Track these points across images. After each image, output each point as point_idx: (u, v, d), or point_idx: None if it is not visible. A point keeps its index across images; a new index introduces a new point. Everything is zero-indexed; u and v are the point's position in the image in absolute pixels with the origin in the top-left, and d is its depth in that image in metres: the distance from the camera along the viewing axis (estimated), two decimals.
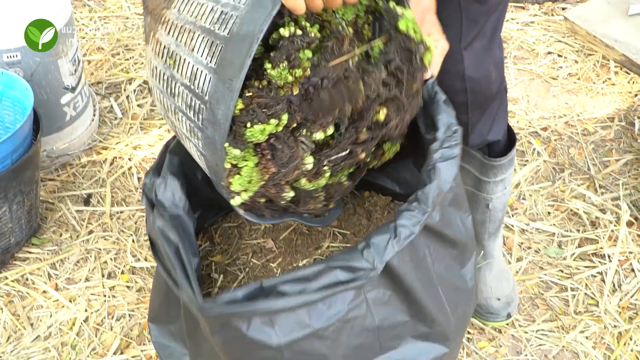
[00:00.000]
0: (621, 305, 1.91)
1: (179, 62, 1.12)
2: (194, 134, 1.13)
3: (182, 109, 1.14)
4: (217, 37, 1.06)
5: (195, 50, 1.09)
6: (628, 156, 2.33)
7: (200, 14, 1.10)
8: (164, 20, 1.14)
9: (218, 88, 1.06)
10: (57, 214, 2.10)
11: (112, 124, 2.41)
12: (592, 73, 2.66)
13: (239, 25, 1.05)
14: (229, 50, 1.05)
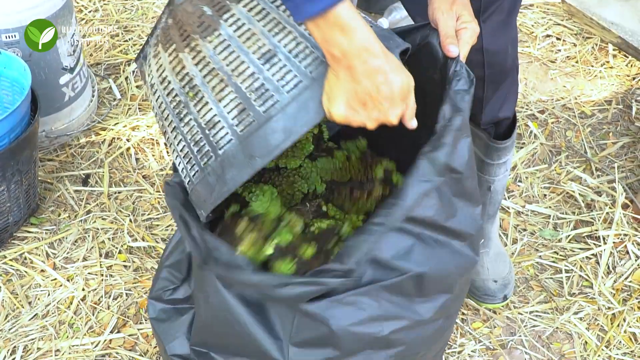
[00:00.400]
0: (615, 287, 1.92)
1: (199, 100, 1.09)
2: (189, 161, 1.14)
3: (185, 136, 1.12)
4: (252, 109, 1.06)
5: (224, 104, 1.07)
6: (625, 139, 2.34)
7: (239, 71, 1.07)
8: (194, 47, 1.09)
9: (238, 156, 1.07)
10: (56, 194, 2.11)
11: (110, 105, 2.41)
12: (590, 56, 2.66)
13: (277, 112, 1.05)
14: (262, 132, 1.05)
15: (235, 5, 1.09)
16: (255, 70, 1.06)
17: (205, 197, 1.13)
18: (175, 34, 1.09)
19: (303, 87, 1.06)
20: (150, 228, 2.02)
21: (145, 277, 1.89)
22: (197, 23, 1.08)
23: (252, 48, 1.07)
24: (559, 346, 1.81)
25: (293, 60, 1.07)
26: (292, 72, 1.07)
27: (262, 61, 1.06)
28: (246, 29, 1.07)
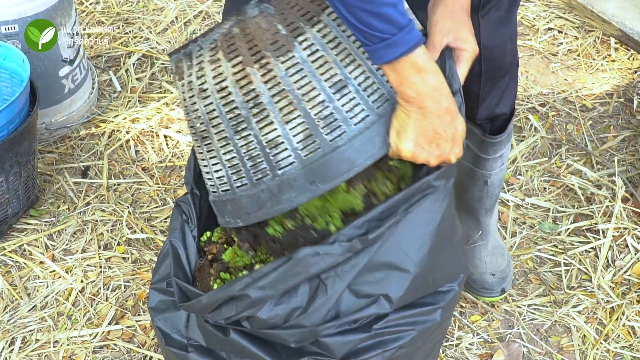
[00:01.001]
0: (614, 281, 1.91)
1: (264, 119, 1.08)
2: (237, 172, 1.14)
3: (239, 148, 1.12)
4: (319, 136, 1.07)
5: (290, 126, 1.08)
6: (626, 132, 2.33)
7: (309, 96, 1.07)
8: (265, 65, 1.08)
9: (299, 179, 1.09)
10: (55, 186, 2.12)
11: (110, 97, 2.41)
12: (592, 49, 2.65)
13: (344, 143, 1.07)
14: (327, 159, 1.07)
15: (310, 29, 1.08)
16: (326, 98, 1.07)
17: (250, 210, 1.15)
18: (243, 47, 1.08)
19: (370, 122, 1.09)
20: (149, 220, 2.02)
21: (144, 269, 1.89)
22: (270, 40, 1.07)
23: (325, 75, 1.07)
24: (557, 339, 1.81)
25: (362, 93, 1.09)
26: (361, 106, 1.09)
27: (333, 90, 1.08)
28: (320, 55, 1.08)
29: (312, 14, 1.09)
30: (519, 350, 1.79)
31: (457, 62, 1.24)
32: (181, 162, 2.19)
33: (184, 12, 2.74)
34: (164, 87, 2.44)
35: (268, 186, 1.11)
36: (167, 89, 2.43)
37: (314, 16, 1.08)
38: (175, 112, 2.34)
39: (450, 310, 1.37)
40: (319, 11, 1.09)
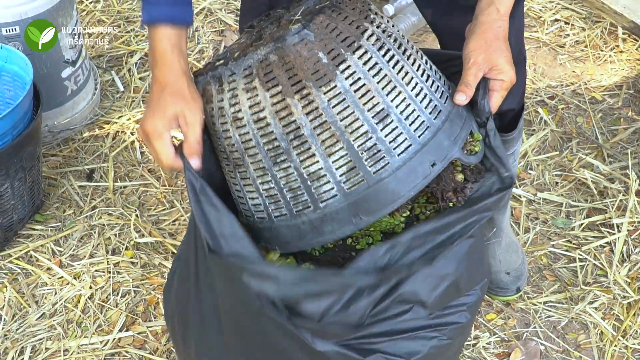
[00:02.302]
0: (630, 276, 1.89)
1: (305, 151, 1.05)
2: (275, 203, 1.11)
3: (278, 180, 1.09)
4: (362, 169, 1.05)
5: (333, 159, 1.05)
6: (637, 124, 2.30)
7: (352, 127, 1.04)
8: (306, 96, 1.04)
9: (342, 212, 1.07)
10: (60, 189, 2.08)
11: (114, 97, 2.38)
12: (599, 40, 2.62)
13: (388, 174, 1.05)
14: (370, 192, 1.05)
15: (351, 56, 1.05)
16: (369, 129, 1.04)
17: (290, 239, 1.12)
18: (282, 76, 1.04)
19: (413, 151, 1.06)
20: (157, 223, 1.99)
21: (153, 274, 1.86)
22: (311, 70, 1.03)
23: (367, 105, 1.04)
24: (574, 336, 1.79)
25: (404, 122, 1.06)
26: (404, 135, 1.06)
27: (376, 120, 1.05)
28: (362, 84, 1.04)
29: (352, 38, 1.05)
30: (536, 349, 1.76)
31: (490, 91, 1.18)
32: None
33: None
34: None
35: (309, 218, 1.09)
36: None
37: (354, 41, 1.05)
38: None
39: (473, 313, 1.35)
40: (359, 35, 1.05)
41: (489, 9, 1.18)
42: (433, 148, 1.08)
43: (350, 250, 1.22)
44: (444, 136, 1.09)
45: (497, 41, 1.16)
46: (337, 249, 1.23)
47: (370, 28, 1.07)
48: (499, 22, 1.17)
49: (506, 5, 1.18)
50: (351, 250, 1.22)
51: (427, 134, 1.08)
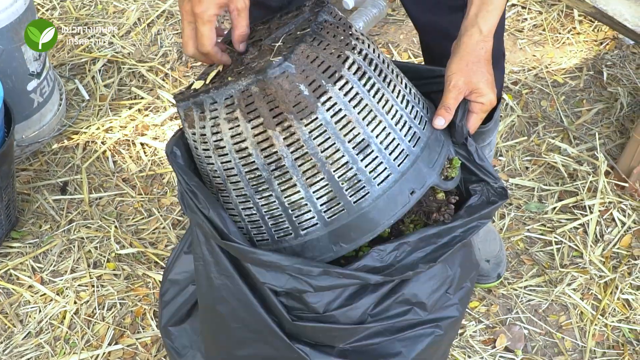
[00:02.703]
0: (605, 255, 1.94)
1: (286, 181, 1.06)
2: (257, 228, 1.13)
3: (259, 207, 1.11)
4: (343, 198, 1.07)
5: (314, 189, 1.06)
6: (599, 105, 2.36)
7: (333, 158, 1.05)
8: (287, 128, 1.04)
9: (322, 240, 1.09)
10: (34, 205, 2.06)
11: (79, 106, 2.35)
12: (557, 23, 2.67)
13: (368, 204, 1.07)
14: (351, 221, 1.07)
15: (332, 87, 1.04)
16: (350, 159, 1.05)
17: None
18: (264, 108, 1.03)
19: (393, 181, 1.08)
20: (137, 233, 1.98)
21: (138, 285, 1.86)
22: (293, 102, 1.03)
23: (348, 136, 1.05)
24: (555, 318, 1.83)
25: (384, 152, 1.07)
26: (383, 164, 1.07)
27: (357, 151, 1.05)
28: (342, 115, 1.05)
29: (334, 69, 1.05)
30: (520, 333, 1.80)
31: (469, 112, 1.19)
32: (161, 169, 2.15)
33: (146, 13, 2.67)
34: (134, 93, 2.38)
35: (291, 245, 1.12)
36: (137, 95, 2.37)
37: (335, 71, 1.05)
38: (149, 119, 2.29)
39: (465, 305, 1.38)
40: (340, 65, 1.05)
41: (471, 30, 1.18)
42: (412, 176, 1.10)
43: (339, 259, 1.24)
44: (423, 164, 1.11)
45: (478, 64, 1.17)
46: None
47: (352, 56, 1.07)
48: (482, 43, 1.18)
49: (490, 24, 1.18)
50: (340, 259, 1.24)
51: (406, 162, 1.09)
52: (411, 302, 1.19)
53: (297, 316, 1.14)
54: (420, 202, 1.17)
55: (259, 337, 1.18)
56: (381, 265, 1.10)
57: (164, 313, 1.40)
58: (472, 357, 1.74)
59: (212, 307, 1.21)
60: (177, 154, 1.21)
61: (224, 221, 1.10)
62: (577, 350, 1.77)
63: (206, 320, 1.27)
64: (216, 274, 1.16)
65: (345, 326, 1.16)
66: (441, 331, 1.29)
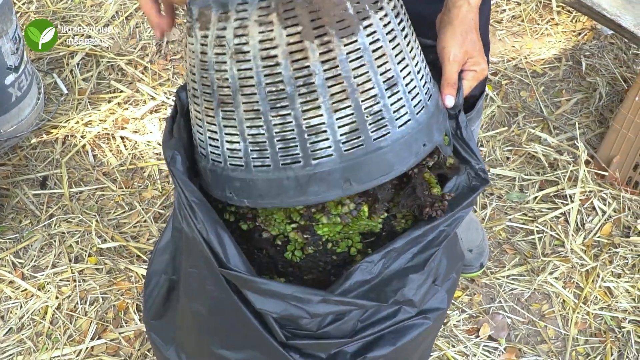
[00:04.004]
0: (586, 244, 1.96)
1: (311, 101, 0.99)
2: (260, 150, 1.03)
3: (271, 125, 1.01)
4: (364, 133, 1.01)
5: (338, 115, 0.99)
6: (578, 95, 2.37)
7: (364, 87, 0.99)
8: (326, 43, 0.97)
9: (333, 174, 1.01)
10: (14, 200, 2.03)
11: (58, 101, 2.33)
12: (535, 14, 2.68)
13: (387, 144, 1.01)
14: (367, 159, 1.01)
15: (374, 15, 0.99)
16: (379, 93, 1.00)
17: (266, 193, 1.05)
18: (305, 16, 0.96)
19: (411, 127, 1.03)
20: (118, 227, 1.97)
21: (120, 279, 1.84)
22: (337, 18, 0.96)
23: (381, 69, 1.00)
24: (538, 307, 1.85)
25: (407, 95, 1.03)
26: (406, 108, 1.03)
27: (386, 86, 1.00)
28: (379, 45, 0.99)
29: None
30: (503, 322, 1.81)
31: (463, 81, 1.18)
32: (142, 163, 2.13)
33: (124, 6, 2.64)
34: (113, 86, 2.36)
35: (296, 174, 1.02)
36: (116, 88, 2.35)
37: (378, 0, 1.00)
38: (129, 112, 2.27)
39: (451, 296, 1.38)
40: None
41: (460, 2, 1.19)
42: (426, 129, 1.06)
43: (331, 255, 1.21)
44: (434, 120, 1.08)
45: (471, 34, 1.17)
46: (318, 254, 1.21)
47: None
48: (471, 14, 1.19)
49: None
50: (332, 255, 1.21)
51: (423, 114, 1.06)
52: (399, 302, 1.19)
53: (290, 333, 1.12)
54: (415, 195, 1.15)
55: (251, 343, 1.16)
56: (371, 277, 1.09)
57: (148, 306, 1.39)
58: (456, 347, 1.75)
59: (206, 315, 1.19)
60: (177, 159, 1.13)
61: (224, 247, 1.05)
62: (560, 339, 1.78)
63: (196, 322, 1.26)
64: (212, 287, 1.13)
65: (338, 340, 1.15)
66: (430, 322, 1.29)
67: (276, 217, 1.20)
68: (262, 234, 1.21)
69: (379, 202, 1.18)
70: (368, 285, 1.10)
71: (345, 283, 1.07)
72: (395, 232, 1.22)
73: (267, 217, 1.20)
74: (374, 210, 1.16)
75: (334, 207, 1.16)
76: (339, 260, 1.19)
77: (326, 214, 1.16)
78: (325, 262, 1.19)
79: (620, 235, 1.97)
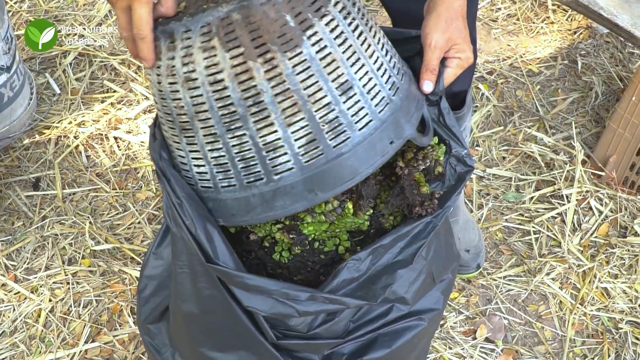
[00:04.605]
0: (583, 244, 1.95)
1: (263, 119, 0.98)
2: (224, 172, 1.04)
3: (229, 147, 1.02)
4: (323, 142, 0.99)
5: (293, 129, 0.98)
6: (574, 94, 2.36)
7: (316, 97, 0.97)
8: (270, 60, 0.96)
9: (297, 186, 1.00)
10: (6, 201, 2.01)
11: (51, 101, 2.31)
12: (530, 13, 2.67)
13: (349, 149, 1.00)
14: (329, 167, 0.99)
15: (319, 22, 0.97)
16: (332, 100, 0.98)
17: (236, 212, 1.06)
18: (246, 37, 0.95)
19: (373, 127, 1.01)
20: (112, 229, 1.95)
21: (114, 281, 1.83)
22: (278, 33, 0.95)
23: (332, 75, 0.98)
24: (535, 308, 1.84)
25: (366, 96, 1.01)
26: (365, 109, 1.01)
27: (340, 92, 0.99)
28: (327, 52, 0.98)
29: (320, 3, 0.98)
30: (500, 323, 1.80)
31: (446, 67, 1.17)
32: (136, 164, 2.11)
33: None
34: (106, 86, 2.34)
35: (261, 191, 1.02)
36: (110, 88, 2.33)
37: (321, 6, 0.98)
38: (122, 112, 2.26)
39: (447, 297, 1.37)
40: (326, 0, 0.99)
41: None
42: (392, 125, 1.04)
43: (319, 254, 1.20)
44: (402, 115, 1.06)
45: (456, 20, 1.16)
46: (305, 254, 1.20)
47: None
48: (458, 1, 1.17)
49: None
50: (320, 254, 1.20)
51: (386, 111, 1.04)
52: (391, 300, 1.17)
53: (281, 333, 1.11)
54: (404, 195, 1.14)
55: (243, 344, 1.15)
56: (359, 275, 1.08)
57: (142, 310, 1.37)
58: (453, 349, 1.74)
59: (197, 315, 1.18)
60: (165, 157, 1.12)
61: (212, 243, 1.04)
62: (557, 340, 1.78)
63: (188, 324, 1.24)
64: (205, 284, 1.12)
65: (330, 341, 1.14)
66: (425, 323, 1.28)
67: None
68: (250, 236, 1.20)
69: (363, 199, 1.17)
70: (356, 282, 1.09)
71: (332, 281, 1.06)
72: (384, 229, 1.21)
73: None
74: (359, 207, 1.14)
75: (317, 205, 1.15)
76: (328, 259, 1.17)
77: (310, 212, 1.15)
78: (314, 261, 1.18)
79: (617, 235, 1.97)
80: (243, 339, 1.14)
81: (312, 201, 1.02)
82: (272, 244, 1.20)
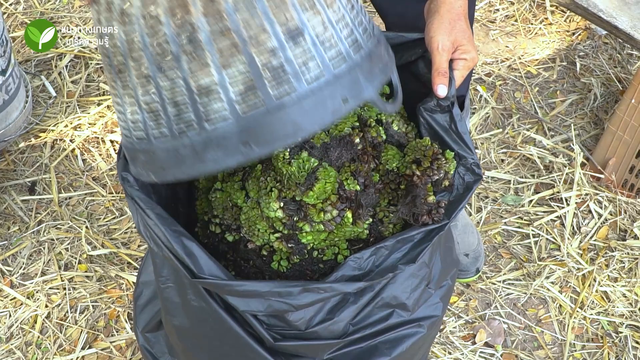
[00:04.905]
0: (582, 248, 1.94)
1: (197, 58, 0.88)
2: (155, 118, 0.95)
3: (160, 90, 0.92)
4: (263, 90, 0.89)
5: (229, 73, 0.89)
6: (573, 96, 2.35)
7: (258, 40, 0.88)
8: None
9: (231, 138, 0.91)
10: (2, 206, 2.00)
11: (46, 104, 2.29)
12: (528, 14, 2.66)
13: (293, 102, 0.90)
14: (268, 119, 0.90)
15: None
16: (277, 45, 0.89)
17: (166, 165, 0.96)
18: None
19: (325, 82, 0.92)
20: (109, 233, 1.94)
21: (111, 287, 1.81)
22: None
23: (280, 18, 0.89)
24: (534, 312, 1.83)
25: (319, 47, 0.92)
26: (316, 61, 0.91)
27: (287, 37, 0.89)
28: None
29: None
30: (500, 327, 1.79)
31: (454, 70, 1.16)
32: None
33: None
34: (102, 89, 2.33)
35: (192, 142, 0.92)
36: (106, 91, 2.32)
37: None
38: None
39: (446, 303, 1.36)
40: None
41: None
42: (348, 83, 0.94)
43: (317, 263, 1.18)
44: (362, 74, 0.96)
45: (459, 21, 1.15)
46: (304, 263, 1.18)
47: None
48: (459, 1, 1.16)
49: None
50: (319, 263, 1.18)
51: (343, 67, 0.94)
52: (392, 305, 1.17)
53: (279, 334, 1.09)
54: (414, 203, 1.13)
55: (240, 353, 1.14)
56: (360, 274, 1.07)
57: (140, 319, 1.36)
58: (452, 354, 1.73)
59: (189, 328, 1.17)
60: (130, 179, 1.09)
61: (193, 257, 1.01)
62: (557, 344, 1.77)
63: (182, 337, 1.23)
64: (192, 297, 1.10)
65: (328, 342, 1.13)
66: (424, 330, 1.27)
67: (259, 227, 1.16)
68: (248, 244, 1.19)
69: (362, 207, 1.15)
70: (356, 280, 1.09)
71: (331, 275, 1.05)
72: (384, 238, 1.19)
73: (250, 227, 1.17)
74: (358, 216, 1.13)
75: (316, 214, 1.12)
76: (326, 268, 1.16)
77: (309, 222, 1.12)
78: (312, 270, 1.17)
79: (617, 238, 1.96)
80: (237, 347, 1.13)
81: (246, 155, 0.92)
82: (271, 253, 1.18)
